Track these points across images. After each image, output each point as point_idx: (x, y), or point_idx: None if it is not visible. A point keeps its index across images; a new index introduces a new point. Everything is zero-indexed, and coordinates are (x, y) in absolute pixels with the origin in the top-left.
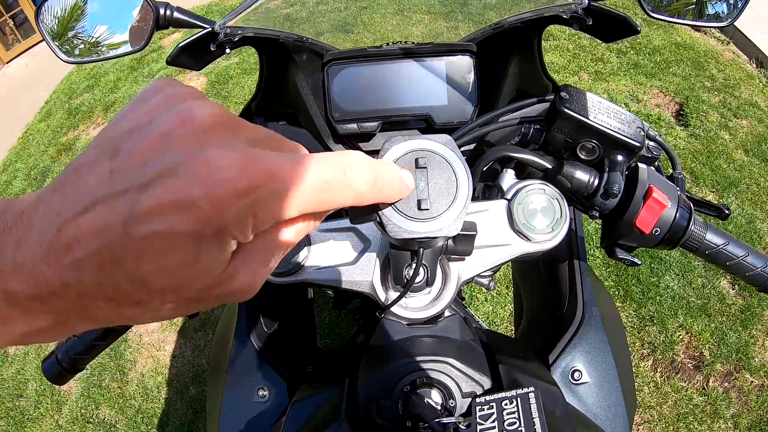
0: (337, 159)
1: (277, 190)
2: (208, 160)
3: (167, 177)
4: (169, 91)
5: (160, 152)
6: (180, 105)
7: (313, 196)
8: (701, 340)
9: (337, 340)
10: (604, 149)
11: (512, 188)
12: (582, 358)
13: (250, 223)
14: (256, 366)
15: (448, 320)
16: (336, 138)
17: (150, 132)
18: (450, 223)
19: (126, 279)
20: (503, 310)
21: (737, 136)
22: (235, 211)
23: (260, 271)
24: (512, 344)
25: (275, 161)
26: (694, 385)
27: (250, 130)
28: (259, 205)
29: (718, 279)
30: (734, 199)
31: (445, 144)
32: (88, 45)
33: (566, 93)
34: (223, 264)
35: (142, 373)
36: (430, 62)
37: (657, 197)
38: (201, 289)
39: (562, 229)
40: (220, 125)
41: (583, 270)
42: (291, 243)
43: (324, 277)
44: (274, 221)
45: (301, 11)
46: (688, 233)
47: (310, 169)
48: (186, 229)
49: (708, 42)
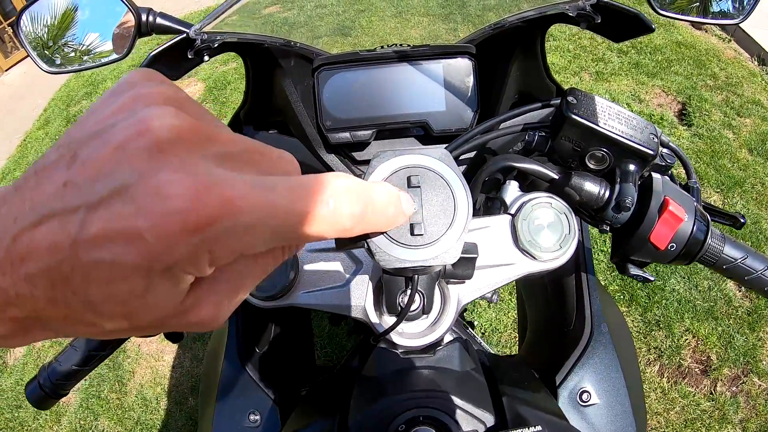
0: (318, 186)
1: (237, 224)
2: (157, 187)
3: (115, 200)
4: (138, 90)
5: (112, 168)
6: (140, 111)
7: (284, 231)
8: (708, 343)
9: (337, 349)
10: (615, 158)
11: (516, 202)
12: (590, 378)
13: (205, 259)
14: (247, 388)
15: (447, 349)
16: (328, 148)
17: (107, 141)
18: (448, 249)
19: (76, 301)
20: (506, 317)
21: (741, 135)
22: (184, 248)
23: (225, 304)
24: (517, 370)
25: (239, 189)
26: (701, 390)
27: (223, 143)
28: (216, 242)
29: (724, 281)
30: (739, 199)
31: (441, 159)
32: (70, 54)
33: (573, 97)
34: (179, 297)
35: (140, 383)
36: (426, 65)
37: (673, 210)
38: (156, 318)
39: (571, 247)
40: (180, 140)
41: (591, 283)
42: (260, 276)
43: (313, 301)
44: (236, 256)
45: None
46: (705, 247)
47: (283, 199)
48: (131, 261)
49: (709, 40)
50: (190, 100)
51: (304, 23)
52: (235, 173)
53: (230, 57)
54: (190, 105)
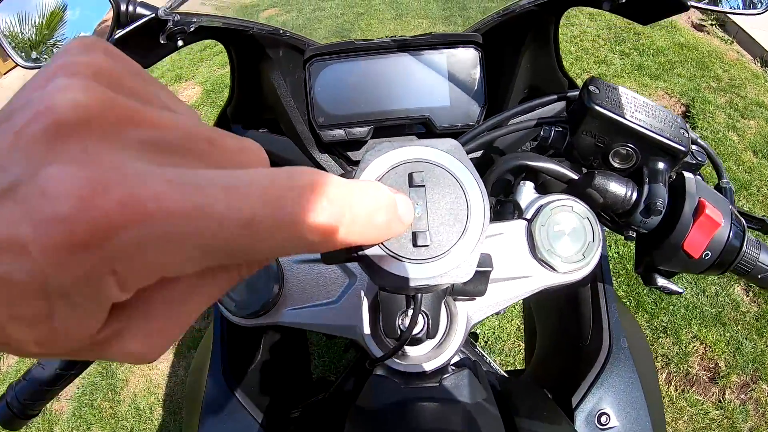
0: (270, 184)
1: (148, 236)
2: (43, 184)
3: (5, 200)
4: (65, 58)
5: (7, 160)
6: (46, 87)
7: (220, 247)
8: (716, 350)
9: (335, 358)
10: (642, 155)
11: (532, 205)
12: (610, 399)
13: (108, 282)
14: (233, 411)
15: (455, 377)
16: (321, 147)
17: (12, 125)
18: (460, 264)
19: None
20: (510, 325)
21: (745, 137)
22: (75, 266)
23: (157, 337)
24: (530, 393)
25: (152, 188)
26: (709, 398)
27: (154, 127)
28: (120, 259)
29: (731, 286)
30: (745, 202)
31: (450, 151)
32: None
33: (595, 87)
34: (92, 326)
35: (134, 392)
36: (428, 56)
37: (710, 214)
38: (71, 349)
39: (595, 256)
40: (88, 122)
41: (609, 294)
42: (203, 304)
43: (300, 319)
44: (155, 278)
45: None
46: (741, 255)
47: (216, 202)
48: (20, 279)
49: (711, 42)
50: (135, 75)
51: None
52: (160, 167)
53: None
54: (129, 81)
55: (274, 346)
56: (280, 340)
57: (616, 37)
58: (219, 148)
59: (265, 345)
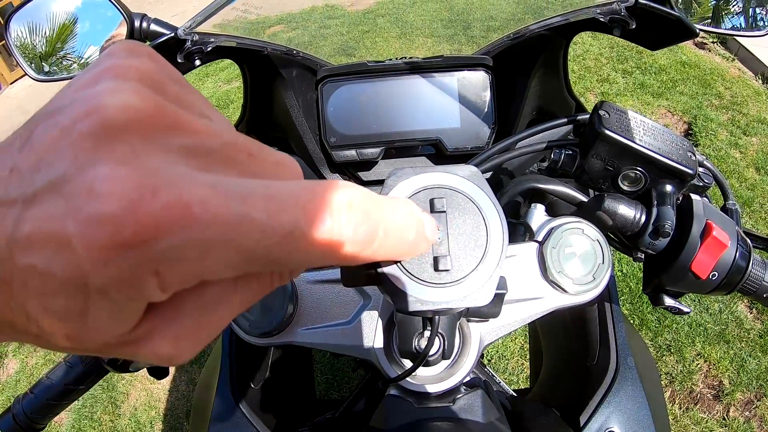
0: (312, 196)
1: (192, 241)
2: (91, 182)
3: (50, 195)
4: (112, 61)
5: (53, 155)
6: (95, 87)
7: (259, 254)
8: (720, 368)
9: (338, 376)
10: (651, 178)
11: (543, 228)
12: (617, 418)
13: (150, 282)
14: (240, 427)
15: (468, 397)
16: (332, 166)
17: (57, 121)
18: (479, 289)
19: (17, 308)
20: (513, 343)
21: (748, 154)
22: (119, 266)
23: (186, 339)
24: (541, 414)
25: (198, 193)
26: (714, 416)
27: (197, 133)
28: (164, 261)
29: (735, 303)
30: (748, 219)
31: (470, 178)
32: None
33: (606, 112)
34: (126, 324)
35: (135, 406)
36: (439, 78)
37: (717, 236)
38: (101, 345)
39: (605, 278)
40: (136, 124)
41: (616, 313)
42: (236, 309)
43: (314, 339)
44: (195, 281)
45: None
46: (747, 275)
47: (258, 212)
48: (62, 274)
49: (713, 59)
50: (176, 82)
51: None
52: (203, 173)
53: (234, 75)
54: (171, 87)
55: (280, 364)
56: (286, 357)
57: (618, 55)
58: (257, 159)
59: (271, 363)
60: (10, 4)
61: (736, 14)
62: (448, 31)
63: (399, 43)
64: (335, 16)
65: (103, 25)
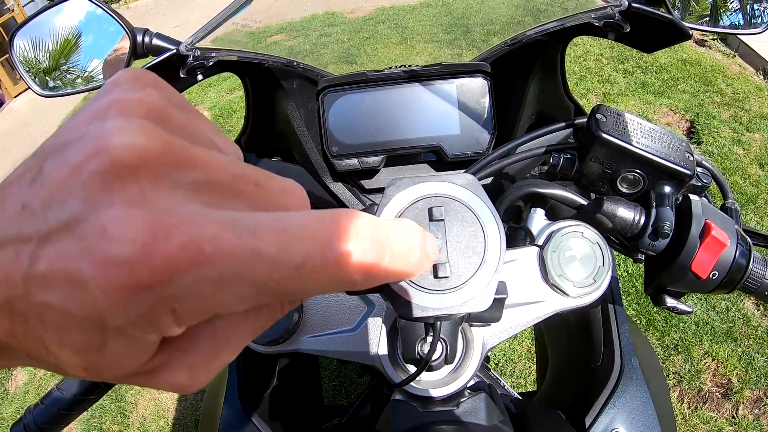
0: (318, 228)
1: (206, 278)
2: (104, 224)
3: (64, 235)
4: (117, 94)
5: (66, 194)
6: (104, 124)
7: (271, 286)
8: (728, 366)
9: (345, 382)
10: (649, 180)
11: (543, 232)
12: (623, 418)
13: (167, 319)
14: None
15: (472, 400)
16: (335, 175)
17: (67, 158)
18: (478, 294)
19: (35, 341)
20: (520, 346)
21: (751, 150)
22: (137, 306)
23: (201, 368)
24: (546, 416)
25: (209, 231)
26: (723, 415)
27: (205, 168)
28: (180, 299)
29: (742, 301)
30: (753, 216)
31: (467, 186)
32: (63, 77)
33: (602, 115)
34: (143, 357)
35: (143, 416)
36: (438, 86)
37: (716, 235)
38: (119, 376)
39: (605, 280)
40: (145, 163)
41: (619, 314)
42: (248, 338)
43: (319, 346)
44: (209, 315)
45: (304, 44)
46: (748, 273)
47: (268, 245)
48: (79, 312)
49: (714, 56)
50: (181, 109)
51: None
52: (213, 209)
53: (236, 85)
54: (177, 117)
55: (287, 371)
56: (293, 365)
57: (619, 55)
58: (264, 189)
59: (279, 370)
60: (13, 18)
61: (734, 12)
62: (449, 36)
63: (400, 49)
64: (335, 24)
65: (106, 40)
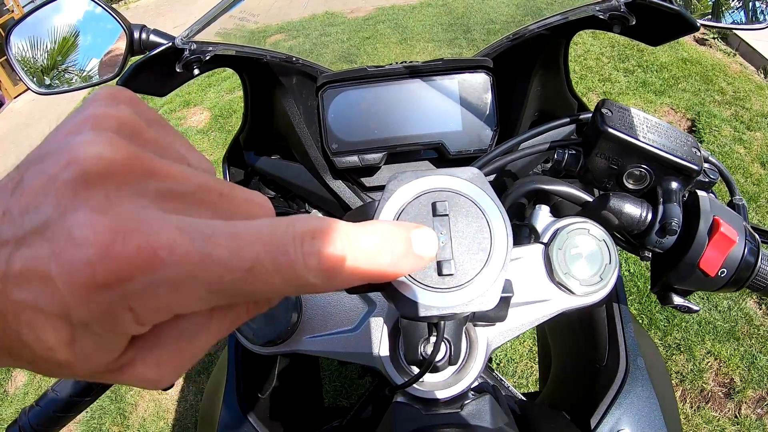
0: (272, 233)
1: (161, 279)
2: (70, 229)
3: (37, 237)
4: (93, 109)
5: (40, 200)
6: (78, 137)
7: (225, 289)
8: (731, 365)
9: (346, 383)
10: (656, 176)
11: (548, 229)
12: (629, 419)
13: (126, 317)
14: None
15: (476, 403)
16: (334, 173)
17: (44, 168)
18: (484, 293)
19: (14, 337)
20: (522, 346)
21: (752, 149)
22: (97, 304)
23: (167, 365)
24: (550, 418)
25: (165, 236)
26: (725, 414)
27: (169, 179)
28: (137, 299)
29: (744, 300)
30: (755, 215)
31: (472, 180)
32: (60, 74)
33: (608, 110)
34: (112, 353)
35: (143, 417)
36: (440, 82)
37: (725, 232)
38: (90, 372)
39: (612, 278)
40: (110, 173)
41: (624, 314)
42: (214, 337)
43: (319, 347)
44: (169, 315)
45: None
46: (757, 271)
47: (220, 250)
48: (49, 308)
49: (714, 55)
50: (154, 125)
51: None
52: (173, 215)
53: (236, 85)
54: (148, 131)
55: (287, 372)
56: (293, 366)
57: (619, 54)
58: (227, 199)
59: (279, 371)
60: (12, 19)
61: (736, 8)
62: (449, 35)
63: (400, 48)
64: (335, 24)
65: (104, 38)
